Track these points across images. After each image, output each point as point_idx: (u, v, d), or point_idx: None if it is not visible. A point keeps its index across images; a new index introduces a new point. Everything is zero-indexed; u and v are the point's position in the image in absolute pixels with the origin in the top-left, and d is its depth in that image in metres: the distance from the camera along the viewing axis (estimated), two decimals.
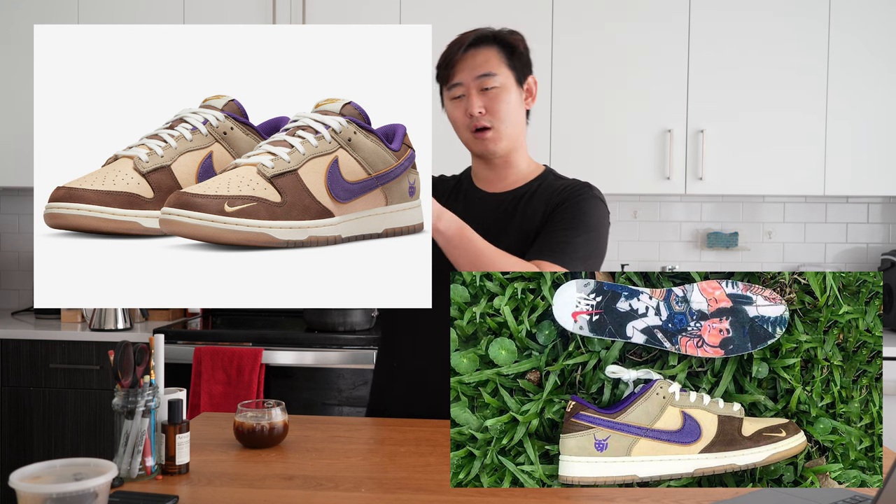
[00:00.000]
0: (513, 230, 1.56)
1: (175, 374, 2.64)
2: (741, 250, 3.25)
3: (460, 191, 1.67)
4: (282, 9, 2.97)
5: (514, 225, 1.57)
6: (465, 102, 1.56)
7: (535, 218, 1.56)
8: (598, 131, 2.93)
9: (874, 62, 2.88)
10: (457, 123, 1.60)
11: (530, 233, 1.55)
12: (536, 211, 1.57)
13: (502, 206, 1.61)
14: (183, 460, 1.25)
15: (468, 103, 1.55)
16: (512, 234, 1.55)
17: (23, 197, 3.41)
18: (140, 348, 1.24)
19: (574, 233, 1.51)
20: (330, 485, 1.21)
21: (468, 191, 1.67)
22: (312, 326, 2.83)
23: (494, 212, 1.60)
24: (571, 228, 1.52)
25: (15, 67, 3.04)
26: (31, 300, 3.41)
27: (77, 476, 0.99)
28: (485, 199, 1.64)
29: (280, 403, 1.42)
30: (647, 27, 2.91)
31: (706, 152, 2.91)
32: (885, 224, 3.25)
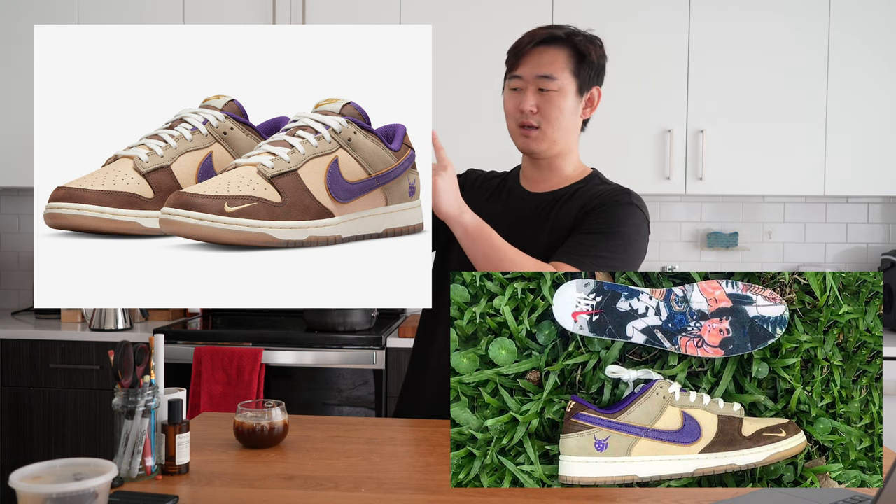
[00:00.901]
0: (545, 231, 1.54)
1: (175, 374, 2.64)
2: (741, 250, 3.25)
3: (504, 188, 1.66)
4: (282, 9, 2.97)
5: (548, 226, 1.55)
6: (520, 96, 1.55)
7: (566, 220, 1.54)
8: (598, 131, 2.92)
9: (874, 62, 2.88)
10: (508, 113, 1.59)
11: (562, 234, 1.53)
12: (569, 213, 1.55)
13: (540, 206, 1.59)
14: (183, 460, 1.25)
15: (523, 98, 1.54)
16: (543, 234, 1.54)
17: (23, 197, 3.41)
18: (140, 348, 1.24)
19: (601, 237, 1.48)
20: (330, 485, 1.21)
21: (511, 189, 1.66)
22: (312, 326, 2.83)
23: (532, 212, 1.58)
24: (599, 233, 1.48)
25: (15, 67, 3.04)
26: (31, 300, 3.41)
27: (77, 476, 0.99)
28: (526, 198, 1.62)
29: (280, 403, 1.42)
30: (647, 27, 2.91)
31: (706, 152, 2.91)
32: (885, 224, 3.25)
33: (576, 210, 1.55)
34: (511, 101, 1.57)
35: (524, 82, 1.55)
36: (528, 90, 1.54)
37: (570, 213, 1.55)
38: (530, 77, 1.54)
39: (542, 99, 1.54)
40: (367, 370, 2.67)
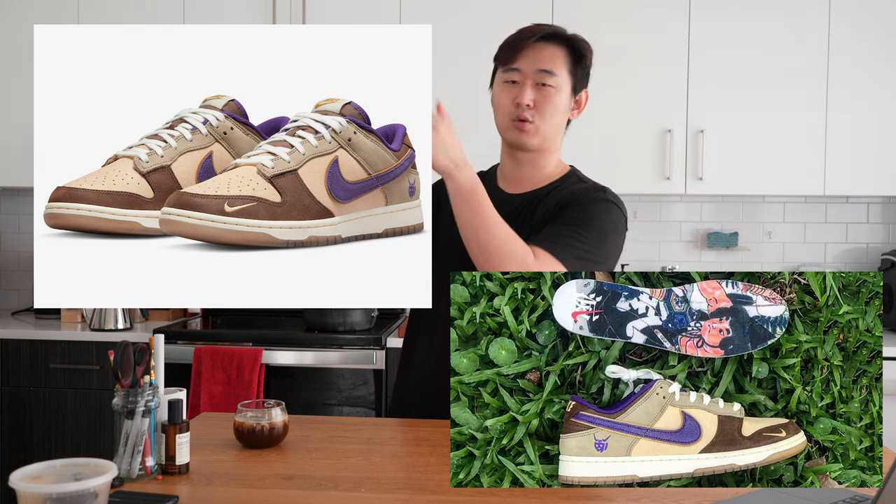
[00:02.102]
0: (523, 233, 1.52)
1: (175, 374, 2.64)
2: (741, 250, 3.25)
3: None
4: (282, 9, 2.97)
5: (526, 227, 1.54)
6: (516, 90, 1.54)
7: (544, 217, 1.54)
8: (598, 131, 2.93)
9: (874, 61, 2.88)
10: (500, 107, 1.57)
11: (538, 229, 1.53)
12: (546, 209, 1.55)
13: (520, 207, 1.58)
14: (183, 460, 1.25)
15: (520, 92, 1.53)
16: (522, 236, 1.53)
17: (23, 197, 3.41)
18: (140, 348, 1.24)
19: (576, 228, 1.48)
20: (330, 485, 1.21)
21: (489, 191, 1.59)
22: (312, 326, 2.83)
23: (511, 214, 1.56)
24: (574, 224, 1.49)
25: (15, 67, 3.04)
26: (31, 300, 3.41)
27: (77, 476, 0.99)
28: (505, 200, 1.59)
29: (280, 403, 1.41)
30: (647, 27, 2.91)
31: (706, 152, 2.91)
32: (885, 224, 3.25)
33: (552, 205, 1.55)
34: (506, 94, 1.55)
35: (522, 76, 1.53)
36: (527, 84, 1.53)
37: (548, 209, 1.55)
38: (530, 71, 1.53)
39: (540, 94, 1.53)
40: (367, 370, 2.67)
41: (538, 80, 1.53)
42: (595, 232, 1.49)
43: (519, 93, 1.53)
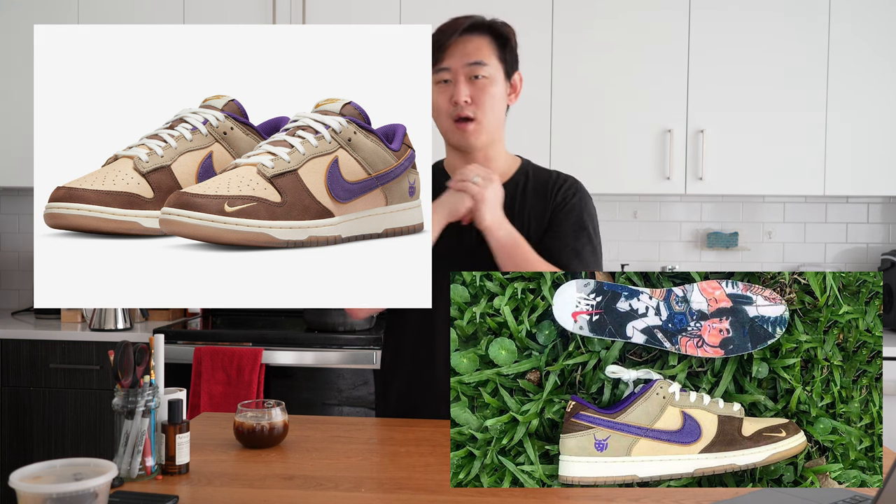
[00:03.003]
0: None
1: (175, 374, 2.64)
2: (741, 250, 3.25)
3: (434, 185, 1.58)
4: (282, 9, 2.97)
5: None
6: (450, 89, 1.52)
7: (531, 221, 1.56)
8: (598, 131, 2.93)
9: (874, 62, 2.87)
10: (438, 110, 1.54)
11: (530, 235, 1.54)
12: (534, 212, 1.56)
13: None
14: (183, 460, 1.25)
15: (454, 90, 1.51)
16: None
17: (23, 197, 3.41)
18: (140, 348, 1.24)
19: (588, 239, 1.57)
20: (330, 485, 1.21)
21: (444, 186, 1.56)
22: (312, 326, 2.83)
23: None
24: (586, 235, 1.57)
25: (15, 67, 3.04)
26: (31, 300, 3.41)
27: (77, 476, 0.99)
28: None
29: (280, 403, 1.42)
30: (647, 27, 2.91)
31: (706, 152, 2.91)
32: (885, 224, 3.25)
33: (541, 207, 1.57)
34: (441, 95, 1.53)
35: (454, 73, 1.51)
36: (459, 81, 1.51)
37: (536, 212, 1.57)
38: (459, 67, 1.51)
39: (475, 88, 1.51)
40: (367, 370, 2.66)
41: (470, 74, 1.51)
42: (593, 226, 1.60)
43: (454, 90, 1.51)
